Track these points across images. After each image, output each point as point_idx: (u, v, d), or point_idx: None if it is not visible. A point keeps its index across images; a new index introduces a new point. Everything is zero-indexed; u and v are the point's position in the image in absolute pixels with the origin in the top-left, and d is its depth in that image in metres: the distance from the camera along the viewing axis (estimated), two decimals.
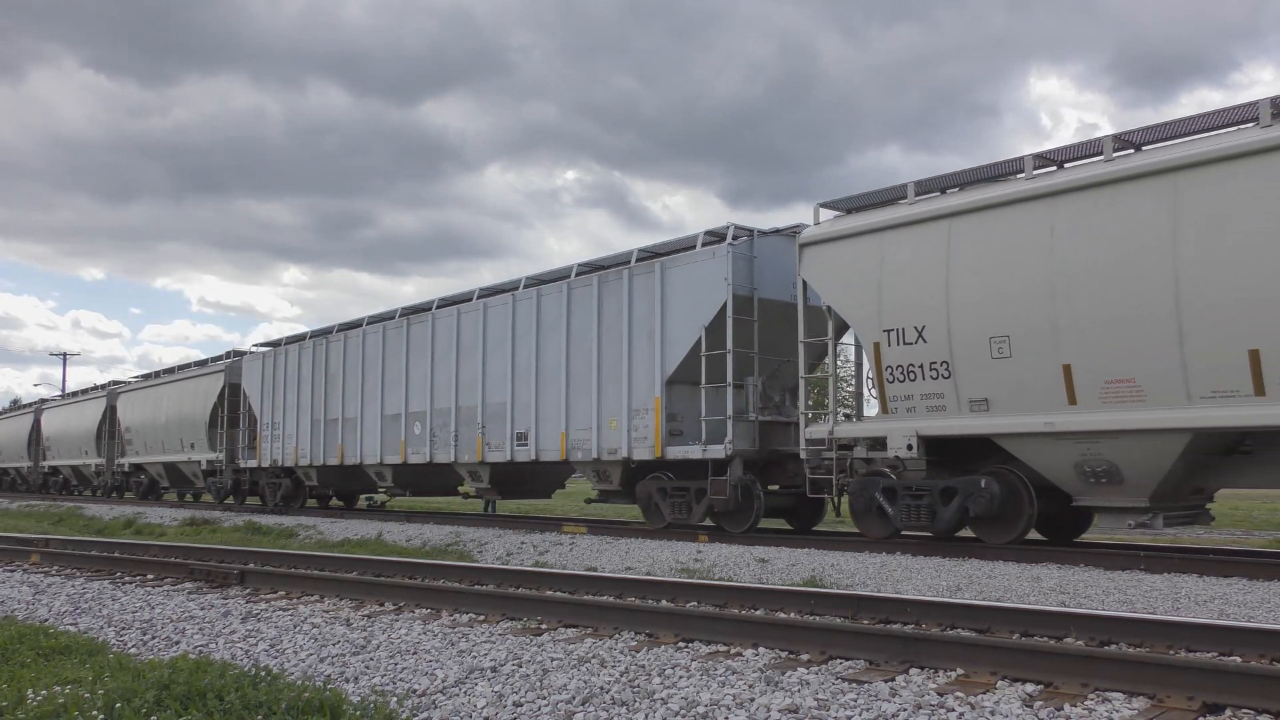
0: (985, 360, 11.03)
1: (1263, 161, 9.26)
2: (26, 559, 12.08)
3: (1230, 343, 9.34)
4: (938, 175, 12.07)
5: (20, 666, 5.46)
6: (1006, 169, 11.45)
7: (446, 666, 5.41)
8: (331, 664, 5.67)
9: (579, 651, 5.81)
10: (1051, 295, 10.48)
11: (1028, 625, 6.31)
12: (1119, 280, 10.04)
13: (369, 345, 20.51)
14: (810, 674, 5.10)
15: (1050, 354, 10.50)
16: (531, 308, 16.65)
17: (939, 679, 5.02)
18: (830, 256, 12.69)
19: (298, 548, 14.53)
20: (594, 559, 12.26)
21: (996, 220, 11.06)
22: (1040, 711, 4.35)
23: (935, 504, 11.52)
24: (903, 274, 11.78)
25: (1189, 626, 5.86)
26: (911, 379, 11.66)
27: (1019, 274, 10.76)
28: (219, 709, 4.24)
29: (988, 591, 8.75)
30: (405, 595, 8.21)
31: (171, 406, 28.83)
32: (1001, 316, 10.89)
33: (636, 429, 14.64)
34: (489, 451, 17.27)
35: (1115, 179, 10.22)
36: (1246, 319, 9.22)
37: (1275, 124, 9.39)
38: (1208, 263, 9.47)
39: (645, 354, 14.63)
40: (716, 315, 13.81)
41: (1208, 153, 9.65)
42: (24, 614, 7.80)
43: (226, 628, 6.93)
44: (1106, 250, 10.15)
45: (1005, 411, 10.94)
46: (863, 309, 12.23)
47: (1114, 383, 10.09)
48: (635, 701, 4.60)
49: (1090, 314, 10.21)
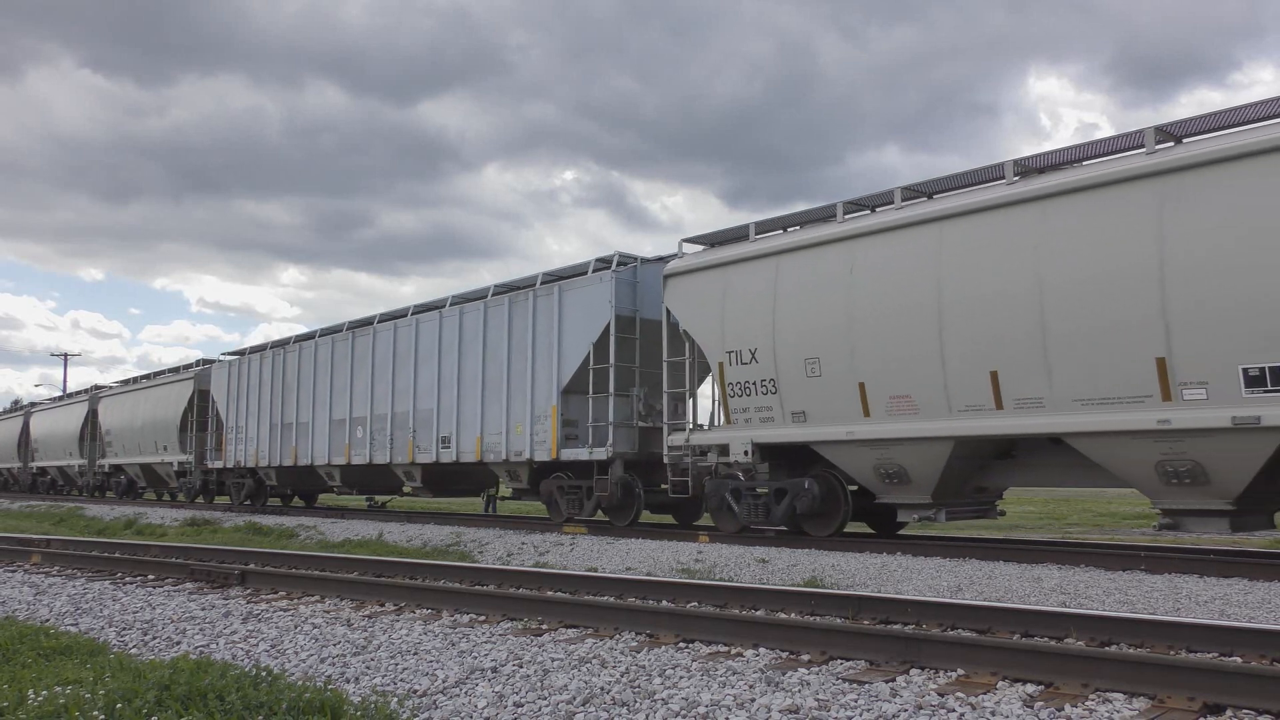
0: (802, 379, 12.69)
1: (1003, 214, 10.88)
2: (27, 559, 12.08)
3: (977, 366, 10.98)
4: (774, 217, 13.67)
5: (21, 667, 5.46)
6: (823, 214, 13.09)
7: (447, 667, 5.41)
8: (332, 664, 5.67)
9: (579, 652, 5.82)
10: (850, 324, 12.13)
11: (1028, 626, 6.31)
12: (898, 312, 11.66)
13: (320, 356, 22.30)
14: (811, 674, 5.10)
15: (849, 374, 12.16)
16: (455, 324, 18.38)
17: (940, 679, 5.02)
18: (686, 287, 14.39)
19: (298, 548, 14.54)
20: (594, 559, 12.27)
21: (812, 259, 12.72)
22: (1041, 712, 4.34)
23: (770, 502, 13.15)
24: (741, 304, 13.47)
25: (1189, 627, 5.86)
26: (748, 394, 13.38)
27: (827, 305, 12.42)
28: (220, 709, 4.24)
29: (988, 592, 8.75)
30: (406, 596, 8.21)
31: (147, 411, 30.63)
32: (814, 341, 12.55)
33: (538, 433, 16.34)
34: (419, 453, 18.94)
35: (898, 225, 11.83)
36: (989, 347, 10.86)
37: (1017, 181, 11.00)
38: (960, 299, 11.10)
39: (546, 366, 16.31)
40: (602, 333, 15.48)
41: (962, 206, 11.29)
42: (25, 614, 7.80)
43: (227, 628, 6.94)
44: (889, 286, 11.79)
45: (819, 422, 12.62)
46: (710, 333, 13.92)
47: (897, 398, 11.76)
48: (636, 702, 4.60)
49: (877, 340, 11.87)
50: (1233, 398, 9.21)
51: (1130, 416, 9.81)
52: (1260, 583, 8.82)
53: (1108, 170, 10.25)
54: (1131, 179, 9.98)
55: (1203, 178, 9.49)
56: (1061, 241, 10.35)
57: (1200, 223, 9.42)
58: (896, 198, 12.14)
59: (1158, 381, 9.63)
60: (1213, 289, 9.28)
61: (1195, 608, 7.71)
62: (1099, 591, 8.47)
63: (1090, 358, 10.09)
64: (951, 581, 9.34)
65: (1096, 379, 10.06)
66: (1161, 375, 9.61)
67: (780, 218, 13.62)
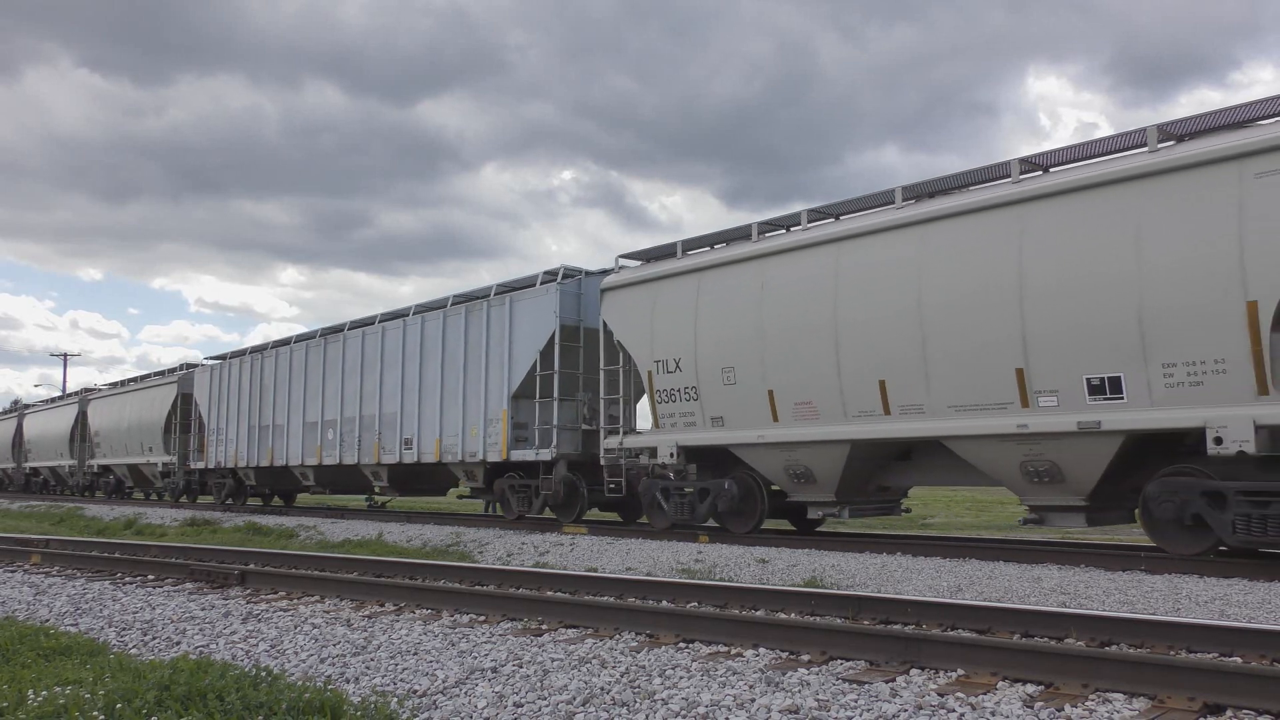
0: (720, 386, 13.61)
1: (890, 236, 11.81)
2: (27, 559, 12.08)
3: (868, 376, 11.91)
4: (699, 236, 14.51)
5: (21, 667, 5.46)
6: (741, 233, 13.91)
7: (447, 667, 5.41)
8: (332, 664, 5.67)
9: (579, 652, 5.81)
10: (761, 336, 13.04)
11: (1028, 626, 6.31)
12: (800, 325, 12.58)
13: (295, 361, 23.31)
14: (811, 674, 5.10)
15: (760, 382, 13.06)
16: (418, 332, 19.40)
17: (940, 679, 5.02)
18: (621, 300, 15.29)
19: (298, 548, 14.54)
20: (594, 559, 12.27)
21: (729, 276, 13.67)
22: (1041, 712, 4.35)
23: (695, 501, 14.10)
24: (668, 317, 14.39)
25: (1189, 627, 5.86)
26: (673, 400, 14.34)
27: (741, 319, 13.33)
28: (220, 709, 4.24)
29: (988, 592, 8.75)
30: (406, 596, 8.21)
31: (133, 413, 31.80)
32: (730, 352, 13.45)
33: (490, 435, 17.39)
34: (384, 454, 20.01)
35: (802, 245, 12.76)
36: (878, 358, 11.79)
37: (905, 206, 11.91)
38: (855, 315, 12.02)
39: (498, 372, 17.34)
40: (548, 341, 16.43)
41: (856, 228, 12.25)
42: (25, 614, 7.80)
43: (227, 628, 6.93)
44: (794, 302, 12.70)
45: (735, 426, 13.50)
46: (641, 344, 14.84)
47: (801, 404, 12.67)
48: (636, 702, 4.60)
49: (784, 351, 12.75)
50: (1079, 405, 10.19)
51: (995, 421, 10.80)
52: (1260, 583, 8.82)
53: (977, 198, 11.21)
54: (996, 206, 10.92)
55: (1053, 207, 10.47)
56: (938, 263, 11.28)
57: (1050, 248, 10.39)
58: (804, 219, 13.03)
59: (1017, 390, 10.63)
60: (1061, 308, 10.24)
61: (1195, 608, 7.71)
62: (1099, 592, 8.47)
63: (962, 368, 11.07)
64: (951, 581, 9.34)
65: (967, 388, 11.05)
66: (1020, 384, 10.61)
67: (705, 236, 14.49)
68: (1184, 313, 9.46)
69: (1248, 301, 9.09)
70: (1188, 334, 9.45)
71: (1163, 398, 9.65)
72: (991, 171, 11.36)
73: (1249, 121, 9.71)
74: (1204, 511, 9.56)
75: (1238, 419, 9.11)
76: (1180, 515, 9.74)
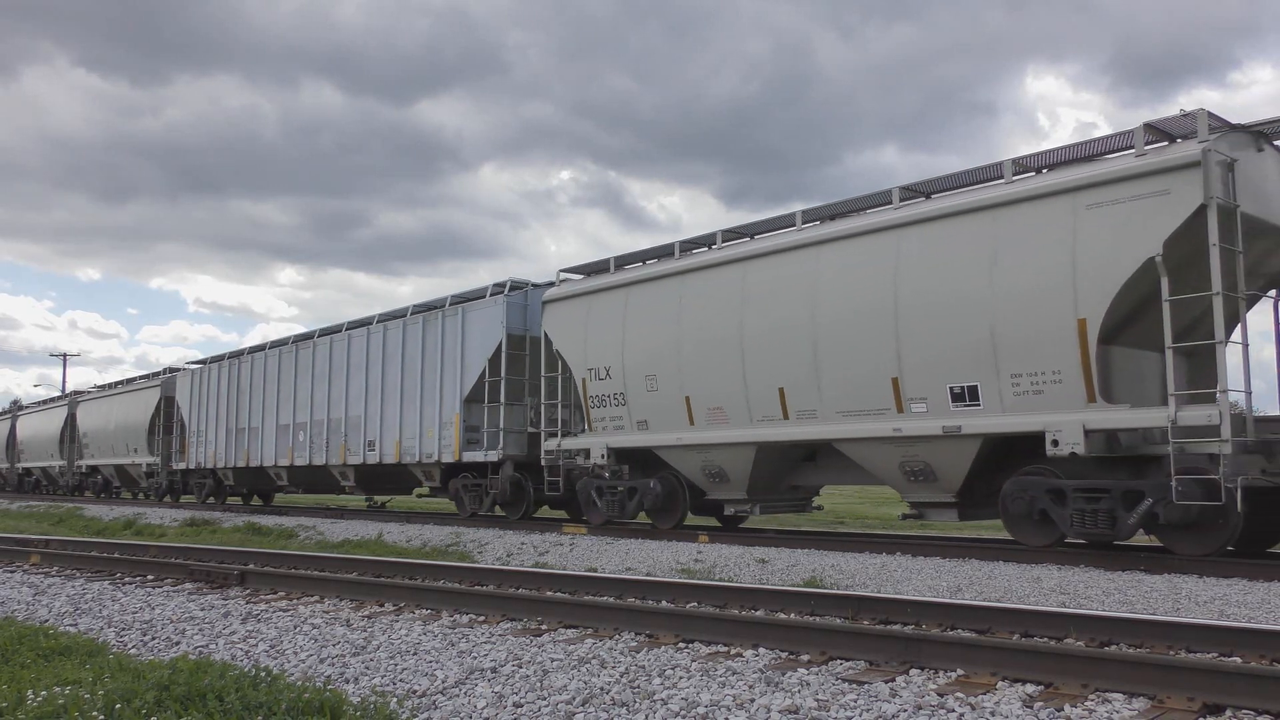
0: (644, 393, 14.67)
1: (788, 256, 12.86)
2: (27, 559, 12.08)
3: (770, 383, 12.91)
4: (630, 252, 15.57)
5: (20, 667, 5.46)
6: (664, 251, 14.97)
7: (446, 667, 5.41)
8: (331, 664, 5.67)
9: (579, 652, 5.81)
10: (679, 347, 14.12)
11: (1028, 626, 6.32)
12: (712, 337, 13.64)
13: (269, 366, 24.27)
14: (810, 674, 5.10)
15: (678, 389, 14.14)
16: (380, 339, 20.47)
17: (939, 679, 5.02)
18: (559, 312, 16.35)
19: (298, 548, 14.53)
20: (594, 559, 12.27)
21: (652, 291, 14.73)
22: (1040, 712, 4.35)
23: (624, 499, 15.12)
24: (600, 328, 15.44)
25: (1189, 627, 5.86)
26: (604, 405, 15.39)
27: (663, 331, 14.41)
28: (219, 710, 4.23)
29: (988, 592, 8.75)
30: (405, 596, 8.21)
31: (119, 415, 33.03)
32: (652, 361, 14.53)
33: (445, 438, 18.40)
34: (349, 455, 21.04)
35: (714, 264, 13.86)
36: (778, 367, 12.79)
37: (804, 229, 12.95)
38: (758, 327, 13.02)
39: (452, 378, 18.36)
40: (496, 350, 17.52)
41: (760, 249, 13.33)
42: (24, 614, 7.80)
43: (226, 628, 6.93)
44: (705, 315, 13.81)
45: (657, 430, 14.60)
46: (576, 353, 15.89)
47: (713, 409, 13.73)
48: (635, 702, 4.60)
49: (698, 360, 13.84)
50: (944, 411, 11.27)
51: (876, 425, 11.85)
52: (1260, 583, 8.82)
53: (861, 223, 12.24)
54: (877, 231, 11.98)
55: (922, 232, 11.54)
56: (829, 282, 12.36)
57: (920, 270, 11.45)
58: (719, 239, 14.14)
59: (893, 397, 11.70)
60: (929, 323, 11.31)
61: (1194, 608, 7.71)
62: (1098, 592, 8.48)
63: (848, 378, 12.12)
64: (951, 582, 9.34)
65: (853, 395, 12.09)
66: (895, 392, 11.68)
67: (635, 253, 15.56)
68: (1028, 329, 10.54)
69: (1078, 319, 10.15)
70: (1031, 348, 10.53)
71: (1012, 405, 10.73)
72: (878, 198, 12.36)
73: (1093, 156, 10.71)
74: (1048, 507, 10.46)
75: (1070, 424, 10.17)
76: (1030, 511, 10.64)
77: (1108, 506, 10.03)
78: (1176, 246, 9.70)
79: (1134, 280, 9.88)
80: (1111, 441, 10.35)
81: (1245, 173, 10.00)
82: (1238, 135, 10.17)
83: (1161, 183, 9.76)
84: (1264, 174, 10.46)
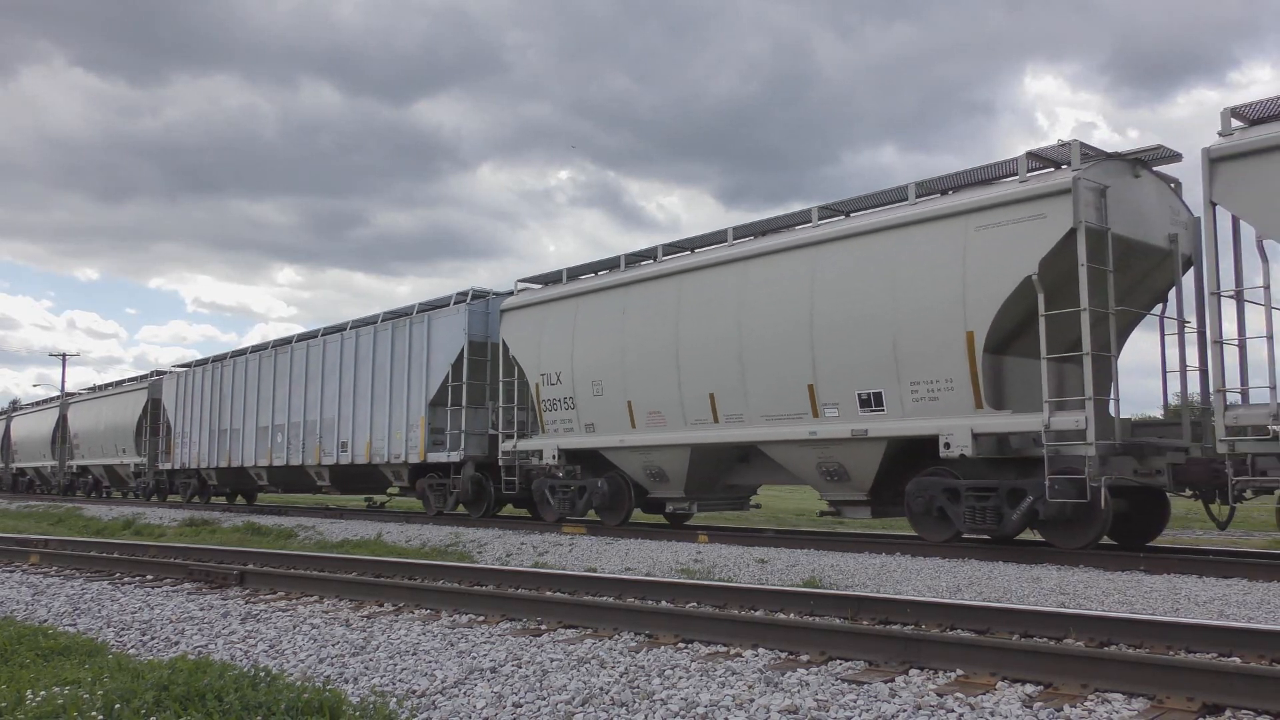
0: (591, 397, 15.56)
1: (718, 271, 13.82)
2: (26, 559, 12.07)
3: (702, 389, 13.81)
4: (582, 264, 16.50)
5: (20, 667, 5.45)
6: (611, 264, 15.95)
7: (446, 667, 5.41)
8: (331, 664, 5.67)
9: (579, 652, 5.81)
10: (623, 355, 15.01)
11: (1027, 626, 6.31)
12: (651, 346, 14.54)
13: (250, 370, 25.29)
14: (810, 675, 5.09)
15: (622, 394, 15.01)
16: (353, 345, 21.44)
17: (939, 679, 5.02)
18: (515, 320, 17.29)
19: (297, 548, 14.53)
20: (594, 560, 12.27)
21: (599, 301, 15.66)
22: (1040, 712, 4.35)
23: (575, 497, 16.01)
24: (552, 336, 16.35)
25: (1188, 627, 5.86)
26: (555, 409, 16.29)
27: (607, 339, 15.31)
28: (218, 710, 4.23)
29: (987, 592, 8.75)
30: (405, 596, 8.21)
31: (108, 417, 34.16)
32: (598, 368, 15.43)
33: (411, 439, 19.29)
34: (324, 456, 21.95)
35: (653, 277, 14.79)
36: (709, 375, 13.69)
37: (733, 245, 13.88)
38: (692, 337, 13.96)
39: (419, 382, 19.26)
40: (459, 356, 18.46)
41: (694, 263, 14.29)
42: (23, 614, 7.80)
43: (226, 628, 6.93)
44: (645, 325, 14.71)
45: (603, 432, 15.44)
46: (530, 359, 16.80)
47: (653, 413, 14.63)
48: (635, 702, 4.60)
49: (639, 367, 14.74)
50: (853, 415, 12.11)
51: (794, 429, 12.68)
52: (1259, 583, 8.83)
53: (783, 240, 13.10)
54: (796, 248, 12.84)
55: (834, 250, 12.41)
56: (754, 295, 13.20)
57: (832, 285, 12.32)
58: (659, 254, 15.05)
59: (809, 403, 12.51)
60: (840, 335, 12.16)
61: (1194, 608, 7.71)
62: (1098, 592, 8.47)
63: (771, 384, 12.91)
64: (950, 582, 9.34)
65: (775, 400, 12.88)
66: (811, 398, 12.50)
67: (586, 265, 16.47)
68: (925, 341, 11.39)
69: (967, 332, 11.01)
70: (928, 358, 11.38)
71: (912, 410, 11.57)
72: (800, 216, 13.22)
73: (990, 180, 11.58)
74: (945, 505, 11.35)
75: (960, 428, 11.06)
76: (929, 508, 11.52)
77: (995, 504, 10.88)
78: (1052, 266, 10.52)
79: (1015, 297, 10.69)
80: (1003, 444, 11.22)
81: (1119, 198, 10.77)
82: (1113, 163, 11.01)
83: (1038, 207, 10.57)
84: (1140, 199, 11.22)
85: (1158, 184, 11.60)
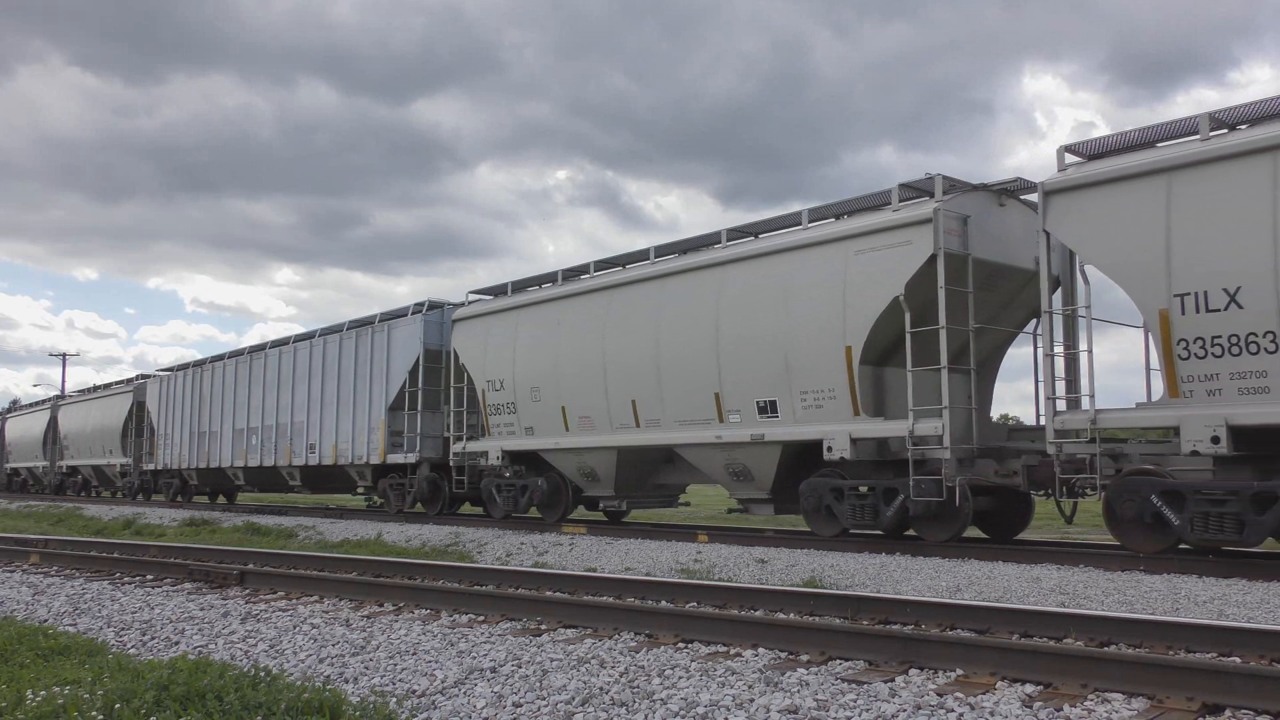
0: (530, 403, 16.69)
1: (640, 287, 14.89)
2: (26, 559, 12.08)
3: (625, 396, 14.90)
4: (524, 278, 17.67)
5: (20, 667, 5.45)
6: (550, 278, 17.07)
7: (446, 667, 5.41)
8: (331, 664, 5.67)
9: (578, 652, 5.81)
10: (557, 363, 16.12)
11: (1027, 626, 6.32)
12: (582, 356, 15.63)
13: (227, 375, 26.39)
14: (810, 674, 5.10)
15: (557, 400, 16.13)
16: (320, 352, 22.55)
17: (939, 679, 5.02)
18: (465, 330, 18.38)
19: (297, 548, 14.53)
20: (593, 559, 12.27)
21: (536, 314, 16.83)
22: (1040, 712, 4.35)
23: (518, 495, 17.12)
24: (496, 345, 17.48)
25: (1188, 627, 5.86)
26: (499, 413, 17.41)
27: (545, 349, 16.44)
28: (218, 709, 4.23)
29: (987, 592, 8.75)
30: (405, 596, 8.21)
31: (96, 418, 35.26)
32: (536, 375, 16.55)
33: (373, 441, 20.46)
34: (294, 457, 22.98)
35: (584, 292, 15.88)
36: (631, 383, 14.82)
37: (656, 262, 14.96)
38: (617, 348, 15.04)
39: (379, 388, 20.41)
40: (415, 363, 19.53)
41: (619, 279, 15.35)
42: (23, 614, 7.79)
43: (226, 628, 6.93)
44: (577, 337, 15.80)
45: (541, 435, 16.57)
46: (478, 366, 17.91)
47: (584, 418, 15.71)
48: (635, 702, 4.60)
49: (572, 375, 15.83)
50: (753, 421, 13.19)
51: (704, 433, 13.79)
52: (1259, 583, 8.82)
53: (695, 259, 14.26)
54: (705, 268, 14.00)
55: (737, 270, 13.52)
56: (670, 310, 14.34)
57: (735, 302, 13.42)
58: (591, 269, 16.14)
59: (715, 409, 13.62)
60: (741, 348, 13.24)
61: (1194, 608, 7.71)
62: (1098, 592, 8.47)
63: (684, 391, 14.02)
64: (950, 582, 9.34)
65: (688, 406, 14.00)
66: (717, 405, 13.62)
67: (528, 278, 17.63)
68: (812, 354, 12.47)
69: (846, 346, 12.12)
70: (814, 370, 12.45)
71: (802, 417, 12.65)
72: (712, 238, 14.33)
73: (875, 207, 12.53)
74: (831, 503, 12.41)
75: (840, 433, 12.18)
76: (819, 506, 12.56)
77: (872, 502, 12.01)
78: (919, 288, 11.58)
79: (886, 315, 11.78)
80: (883, 448, 12.32)
81: (983, 225, 11.92)
82: (978, 194, 12.13)
83: (905, 235, 11.67)
84: (1006, 225, 12.33)
85: (1024, 211, 12.57)
